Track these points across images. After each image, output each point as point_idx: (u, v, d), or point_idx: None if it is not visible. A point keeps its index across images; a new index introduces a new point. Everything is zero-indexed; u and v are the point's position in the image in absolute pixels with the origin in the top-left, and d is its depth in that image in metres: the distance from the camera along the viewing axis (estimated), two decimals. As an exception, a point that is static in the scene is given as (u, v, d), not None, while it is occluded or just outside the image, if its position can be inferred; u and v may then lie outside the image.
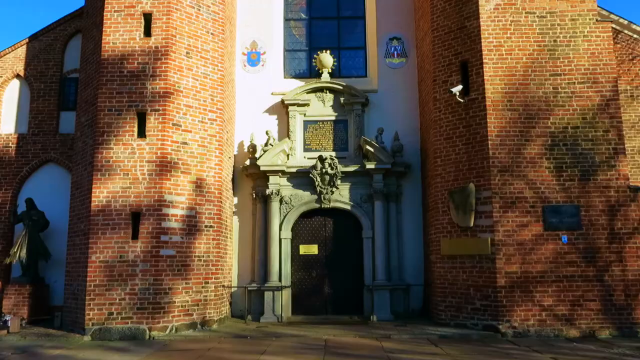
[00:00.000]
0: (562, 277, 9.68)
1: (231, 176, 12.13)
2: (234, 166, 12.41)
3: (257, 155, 12.18)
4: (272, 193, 11.99)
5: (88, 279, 9.64)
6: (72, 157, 11.52)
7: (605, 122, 10.15)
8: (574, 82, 10.29)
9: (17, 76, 12.74)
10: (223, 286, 11.19)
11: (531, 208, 9.92)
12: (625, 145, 10.60)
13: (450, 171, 10.67)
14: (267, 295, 11.55)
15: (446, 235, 10.62)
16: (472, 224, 10.12)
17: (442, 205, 10.75)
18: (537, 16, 10.54)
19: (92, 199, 9.90)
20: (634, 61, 12.59)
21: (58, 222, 11.63)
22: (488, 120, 10.19)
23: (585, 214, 9.87)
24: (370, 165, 11.86)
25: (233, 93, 12.58)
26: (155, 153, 10.12)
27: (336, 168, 11.89)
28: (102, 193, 9.96)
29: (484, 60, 10.36)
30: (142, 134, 10.20)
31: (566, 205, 9.88)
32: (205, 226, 10.58)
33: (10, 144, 12.35)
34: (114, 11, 10.59)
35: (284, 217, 12.10)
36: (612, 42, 10.55)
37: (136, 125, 10.21)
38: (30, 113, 12.50)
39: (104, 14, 10.58)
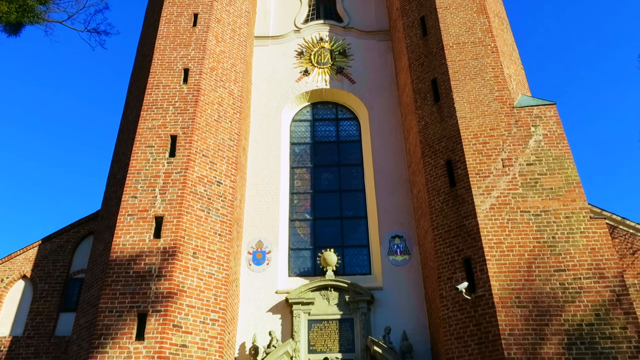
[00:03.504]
0: None
1: (231, 382, 11.33)
2: (234, 370, 11.68)
3: (259, 359, 11.53)
4: (274, 401, 11.04)
5: None
6: (64, 362, 10.93)
7: (621, 319, 9.80)
8: (580, 278, 10.23)
9: (23, 277, 12.80)
10: None
11: (559, 417, 9.00)
12: (647, 343, 10.07)
13: (465, 374, 9.96)
14: None
15: None
16: None
17: (460, 415, 9.79)
18: (533, 214, 10.97)
19: (78, 410, 9.10)
20: (636, 255, 12.70)
21: None
22: (498, 317, 9.88)
23: (621, 423, 8.90)
24: (379, 368, 11.14)
25: (237, 292, 12.47)
26: (152, 357, 9.61)
27: (343, 372, 11.15)
28: (89, 404, 9.19)
29: (487, 257, 10.47)
30: (140, 336, 9.83)
31: (597, 414, 8.98)
32: None
33: (1, 348, 11.83)
34: (128, 215, 11.13)
35: None
36: (609, 237, 10.78)
37: (135, 327, 9.91)
38: (29, 314, 12.22)
39: (118, 217, 11.10)
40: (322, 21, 17.19)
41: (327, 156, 15.34)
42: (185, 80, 13.09)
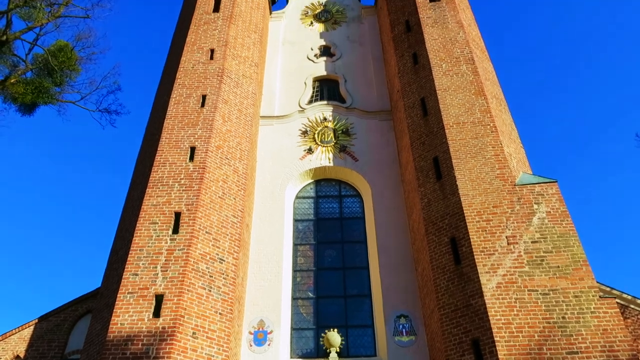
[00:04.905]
0: None
1: None
2: None
3: None
4: None
5: None
6: None
7: (640, 406, 9.31)
8: (594, 361, 9.83)
9: (17, 357, 12.40)
10: None
11: None
12: None
13: None
14: None
15: None
16: None
17: None
18: (540, 294, 10.72)
19: None
20: (650, 336, 12.27)
21: None
22: (511, 404, 9.38)
23: None
24: None
25: (237, 375, 11.98)
26: None
27: None
28: None
29: (496, 339, 10.12)
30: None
31: None
32: None
33: None
34: (128, 293, 10.93)
35: None
36: (621, 317, 10.45)
37: (129, 413, 9.44)
38: (18, 399, 11.75)
39: (118, 295, 10.90)
40: (325, 102, 17.79)
41: (330, 233, 15.28)
42: (192, 158, 13.35)
